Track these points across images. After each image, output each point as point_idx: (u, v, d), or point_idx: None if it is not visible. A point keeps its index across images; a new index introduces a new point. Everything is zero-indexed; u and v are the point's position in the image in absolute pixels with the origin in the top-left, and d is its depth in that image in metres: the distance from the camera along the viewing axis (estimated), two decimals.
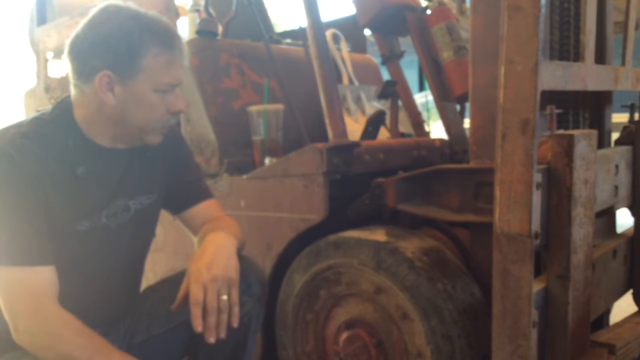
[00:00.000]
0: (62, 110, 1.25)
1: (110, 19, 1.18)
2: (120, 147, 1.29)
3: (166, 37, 1.22)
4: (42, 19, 2.67)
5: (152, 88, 1.21)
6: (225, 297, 1.17)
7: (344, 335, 1.55)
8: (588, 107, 1.81)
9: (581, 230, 1.30)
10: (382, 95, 2.06)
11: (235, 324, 1.18)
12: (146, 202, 1.35)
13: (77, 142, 1.23)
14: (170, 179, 1.41)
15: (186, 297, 1.18)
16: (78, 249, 1.25)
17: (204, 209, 1.44)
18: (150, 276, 1.96)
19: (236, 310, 1.18)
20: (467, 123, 1.55)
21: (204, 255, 1.20)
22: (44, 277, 1.14)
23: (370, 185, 1.60)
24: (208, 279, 1.16)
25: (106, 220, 1.28)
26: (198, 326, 1.14)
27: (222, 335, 1.16)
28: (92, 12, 1.20)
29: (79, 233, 1.24)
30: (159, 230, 2.04)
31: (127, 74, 1.18)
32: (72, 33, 1.21)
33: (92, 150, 1.25)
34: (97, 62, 1.17)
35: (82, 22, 1.20)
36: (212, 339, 1.15)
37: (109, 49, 1.17)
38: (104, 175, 1.27)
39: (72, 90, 1.24)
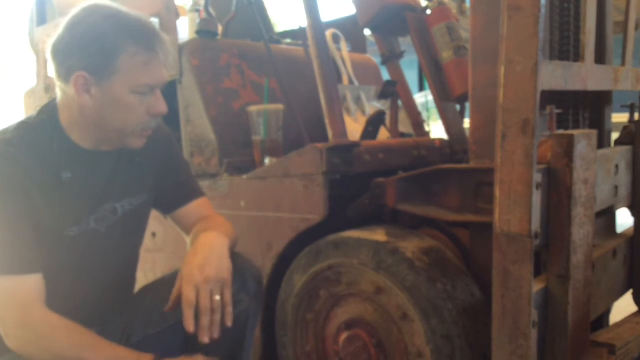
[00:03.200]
0: (48, 114, 1.24)
1: (86, 19, 1.16)
2: (105, 149, 1.27)
3: (144, 37, 1.18)
4: (42, 19, 2.67)
5: (128, 89, 1.17)
6: (218, 297, 1.17)
7: (344, 335, 1.55)
8: (588, 107, 1.81)
9: (581, 230, 1.30)
10: (382, 95, 2.06)
11: (229, 323, 1.18)
12: (136, 203, 1.35)
13: (62, 147, 1.22)
14: (160, 179, 1.40)
15: (179, 299, 1.17)
16: (68, 253, 1.25)
17: (195, 208, 1.43)
18: (150, 276, 1.96)
19: (229, 310, 1.18)
20: (467, 123, 1.55)
21: (196, 256, 1.20)
22: (31, 284, 1.15)
23: (370, 185, 1.60)
24: (200, 280, 1.16)
25: (95, 224, 1.28)
26: (190, 327, 1.14)
27: (216, 335, 1.16)
28: (72, 12, 1.18)
29: (69, 239, 1.24)
30: (159, 230, 2.05)
31: (102, 74, 1.16)
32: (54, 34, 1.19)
33: (77, 155, 1.24)
34: (74, 63, 1.15)
35: (63, 22, 1.18)
36: (205, 339, 1.15)
37: (84, 49, 1.14)
38: (91, 180, 1.26)
39: (58, 93, 1.23)
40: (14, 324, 1.13)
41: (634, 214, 1.79)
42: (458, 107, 2.14)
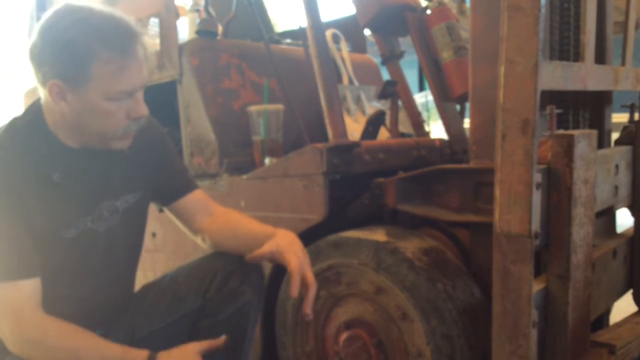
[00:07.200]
0: (34, 115, 1.22)
1: (57, 23, 1.11)
2: (94, 148, 1.25)
3: (117, 40, 1.12)
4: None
5: (104, 96, 1.14)
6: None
7: (344, 335, 1.55)
8: (588, 107, 1.81)
9: (581, 230, 1.30)
10: (382, 95, 2.06)
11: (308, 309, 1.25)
12: (131, 201, 1.34)
13: (51, 148, 1.21)
14: (157, 173, 1.39)
15: (262, 256, 1.27)
16: (67, 256, 1.24)
17: (197, 198, 1.43)
18: (150, 276, 1.96)
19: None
20: (467, 123, 1.55)
21: (295, 239, 1.29)
22: (25, 290, 1.14)
23: (370, 185, 1.60)
24: (305, 260, 1.27)
25: (92, 224, 1.27)
26: (296, 292, 1.23)
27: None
28: (45, 15, 1.14)
29: (66, 241, 1.23)
30: (159, 230, 2.05)
31: (75, 82, 1.12)
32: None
33: (66, 155, 1.22)
34: (47, 70, 1.12)
35: (38, 24, 1.14)
36: (309, 310, 1.24)
37: (55, 58, 1.11)
38: (83, 180, 1.25)
39: (41, 94, 1.20)
40: (9, 330, 1.13)
41: (634, 214, 1.79)
42: (458, 107, 2.14)
